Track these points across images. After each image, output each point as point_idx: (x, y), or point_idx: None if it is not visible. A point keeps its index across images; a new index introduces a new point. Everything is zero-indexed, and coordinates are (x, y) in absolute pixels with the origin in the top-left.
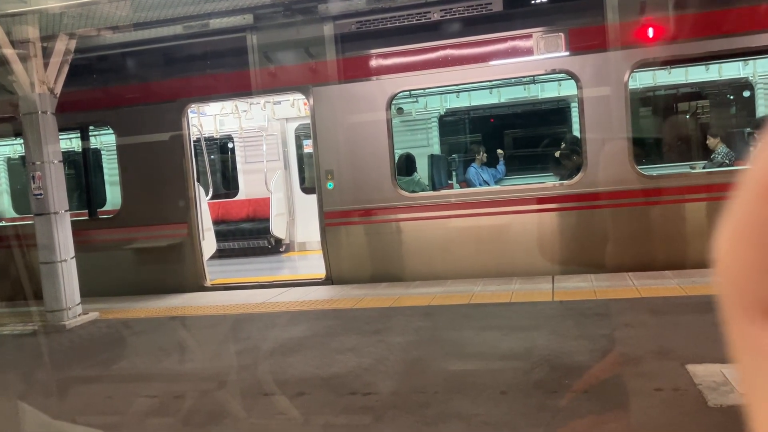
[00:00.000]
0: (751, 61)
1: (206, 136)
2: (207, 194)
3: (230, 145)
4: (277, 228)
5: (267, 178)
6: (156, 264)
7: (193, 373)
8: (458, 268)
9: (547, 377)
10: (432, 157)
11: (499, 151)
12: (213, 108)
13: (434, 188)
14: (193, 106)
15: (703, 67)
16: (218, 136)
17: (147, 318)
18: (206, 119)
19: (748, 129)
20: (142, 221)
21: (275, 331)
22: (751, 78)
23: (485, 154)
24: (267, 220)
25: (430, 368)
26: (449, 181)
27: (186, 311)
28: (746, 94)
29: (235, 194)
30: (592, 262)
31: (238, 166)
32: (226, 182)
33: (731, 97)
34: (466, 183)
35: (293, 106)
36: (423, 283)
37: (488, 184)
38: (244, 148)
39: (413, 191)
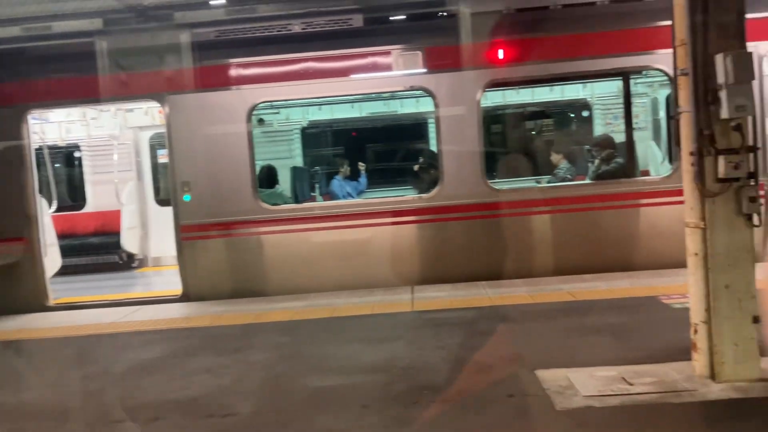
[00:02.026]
0: (589, 84)
1: (50, 144)
2: (50, 207)
3: (77, 154)
4: (129, 242)
5: (118, 190)
6: None
7: (33, 403)
8: (322, 281)
9: (408, 388)
10: (294, 169)
11: (361, 164)
12: (58, 114)
13: (297, 201)
14: (34, 112)
15: (548, 88)
16: (64, 145)
17: None
18: (50, 126)
19: (587, 146)
20: None
21: (127, 352)
22: (589, 99)
23: (348, 167)
24: (118, 233)
25: (292, 385)
26: (312, 194)
27: (24, 334)
28: (585, 114)
29: (83, 206)
30: (449, 272)
31: (86, 176)
32: (73, 194)
33: (572, 117)
34: (330, 196)
35: (147, 114)
36: (285, 298)
37: (352, 197)
38: (93, 158)
39: (275, 204)
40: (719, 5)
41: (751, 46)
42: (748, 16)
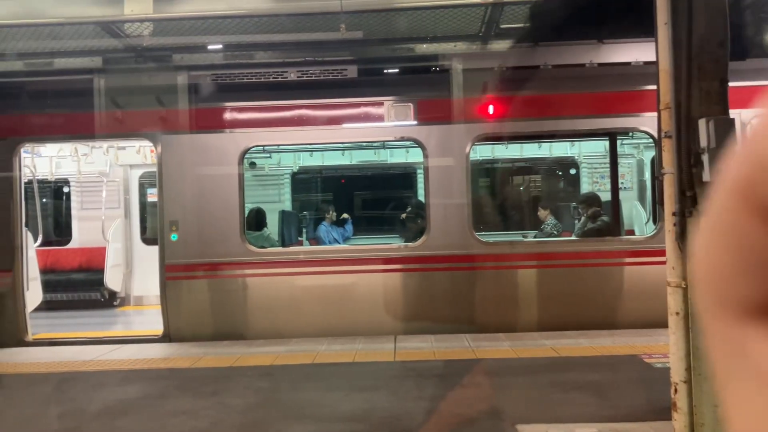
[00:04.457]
0: (577, 143)
1: (39, 178)
2: (36, 241)
3: (66, 190)
4: (113, 280)
5: (105, 227)
6: None
7: None
8: (304, 327)
9: None
10: (283, 213)
11: (345, 215)
12: (50, 149)
13: (284, 245)
14: (27, 145)
15: (537, 144)
16: (53, 179)
17: None
18: (41, 160)
19: (574, 203)
20: None
21: (104, 392)
22: (576, 157)
23: (335, 213)
24: (101, 271)
25: (269, 431)
26: (299, 238)
27: (1, 368)
28: (572, 171)
29: (68, 242)
30: (433, 322)
31: (74, 212)
32: (59, 229)
33: (560, 174)
34: (316, 241)
35: (139, 153)
36: (266, 342)
37: (338, 243)
38: (81, 194)
39: (262, 247)
40: (703, 72)
41: (734, 113)
42: (732, 84)
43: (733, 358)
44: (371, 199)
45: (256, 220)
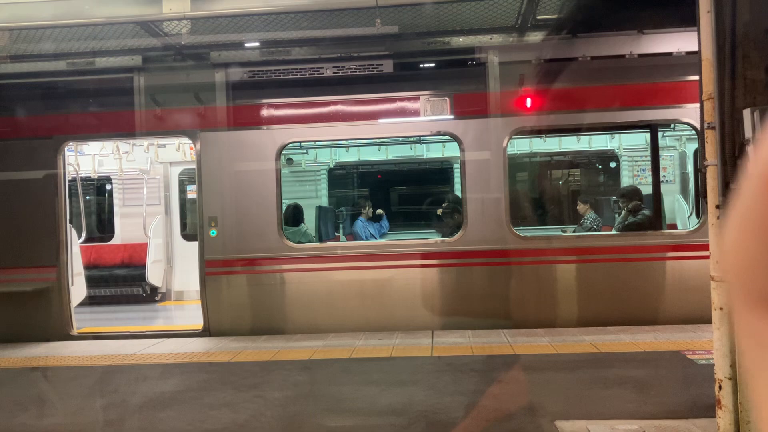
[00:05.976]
0: (617, 135)
1: (83, 176)
2: (80, 237)
3: (108, 187)
4: (154, 275)
5: (146, 223)
6: (17, 310)
7: (53, 430)
8: (342, 322)
9: None
10: (320, 208)
11: (379, 211)
12: (92, 147)
13: (321, 240)
14: (71, 143)
15: (575, 137)
16: (96, 177)
17: (2, 369)
18: (84, 158)
19: (614, 197)
20: (3, 263)
21: (146, 384)
22: (617, 150)
23: (371, 209)
24: (143, 266)
25: (307, 424)
26: (336, 234)
27: (48, 362)
28: (612, 164)
29: (110, 238)
30: (470, 317)
31: (116, 208)
32: (101, 225)
33: (599, 167)
34: (353, 236)
35: (179, 150)
36: (304, 337)
37: (375, 238)
38: (123, 191)
39: (299, 242)
40: (747, 61)
41: None
42: None
43: (761, 350)
44: (408, 194)
45: (293, 216)
